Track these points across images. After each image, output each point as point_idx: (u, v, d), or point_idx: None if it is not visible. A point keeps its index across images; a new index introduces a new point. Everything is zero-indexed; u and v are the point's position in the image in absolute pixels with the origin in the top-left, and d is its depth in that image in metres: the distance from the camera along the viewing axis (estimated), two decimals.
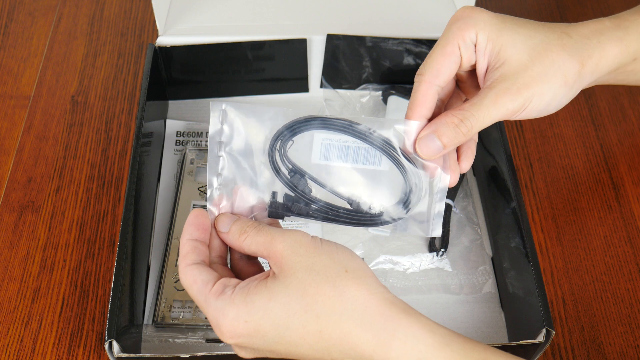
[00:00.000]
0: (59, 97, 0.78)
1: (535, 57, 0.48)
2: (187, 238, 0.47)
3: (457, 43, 0.49)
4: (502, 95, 0.47)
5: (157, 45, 0.72)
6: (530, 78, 0.48)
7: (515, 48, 0.48)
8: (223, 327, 0.45)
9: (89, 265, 0.65)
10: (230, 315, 0.44)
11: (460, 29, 0.49)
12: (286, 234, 0.46)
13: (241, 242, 0.47)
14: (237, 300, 0.44)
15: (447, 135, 0.47)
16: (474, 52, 0.49)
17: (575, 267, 0.65)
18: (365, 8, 0.77)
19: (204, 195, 0.67)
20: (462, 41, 0.49)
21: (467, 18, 0.49)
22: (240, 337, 0.45)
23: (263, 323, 0.44)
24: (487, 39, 0.49)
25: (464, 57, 0.49)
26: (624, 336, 0.61)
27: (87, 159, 0.73)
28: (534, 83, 0.48)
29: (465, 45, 0.49)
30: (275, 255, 0.45)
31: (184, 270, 0.46)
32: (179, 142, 0.72)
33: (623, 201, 0.69)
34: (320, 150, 0.49)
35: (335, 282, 0.44)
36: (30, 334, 0.61)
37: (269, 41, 0.73)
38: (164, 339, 0.59)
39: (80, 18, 0.86)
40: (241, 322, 0.44)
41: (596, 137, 0.74)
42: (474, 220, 0.67)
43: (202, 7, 0.76)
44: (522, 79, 0.48)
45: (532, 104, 0.48)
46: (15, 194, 0.70)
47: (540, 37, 0.49)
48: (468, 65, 0.50)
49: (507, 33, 0.49)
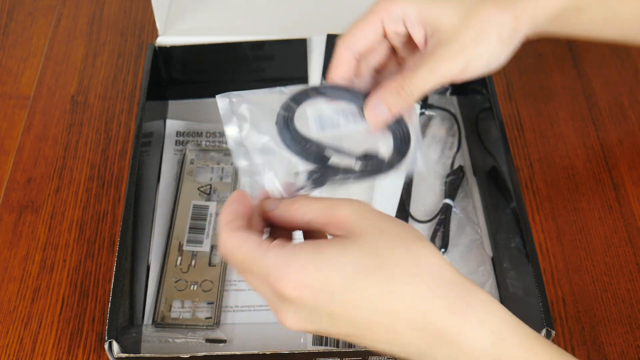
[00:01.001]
0: (58, 97, 0.78)
1: (467, 20, 0.49)
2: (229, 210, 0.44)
3: (379, 17, 0.51)
4: (438, 61, 0.49)
5: (157, 45, 0.72)
6: (465, 42, 0.49)
7: (447, 14, 0.50)
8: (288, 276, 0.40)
9: (88, 265, 0.65)
10: (300, 262, 0.40)
11: (386, 5, 0.51)
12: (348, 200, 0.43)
13: (293, 212, 0.43)
14: (305, 250, 0.40)
15: (390, 101, 0.49)
16: (404, 25, 0.51)
17: (575, 267, 0.65)
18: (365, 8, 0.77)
19: (204, 195, 0.67)
20: (387, 16, 0.51)
21: None
22: (306, 289, 0.40)
23: (334, 274, 0.40)
24: (416, 12, 0.50)
25: (389, 30, 0.51)
26: (624, 336, 0.61)
27: (87, 159, 0.73)
28: (469, 46, 0.49)
29: (391, 20, 0.51)
30: (339, 220, 0.42)
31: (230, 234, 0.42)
32: (179, 142, 0.72)
33: (623, 201, 0.69)
34: (317, 121, 0.50)
35: (410, 246, 0.41)
36: (30, 334, 0.61)
37: (269, 41, 0.73)
38: (164, 339, 0.59)
39: (80, 18, 0.86)
40: (311, 270, 0.40)
41: (596, 137, 0.74)
42: (474, 220, 0.67)
43: (202, 7, 0.76)
44: (456, 44, 0.49)
45: (471, 67, 0.50)
46: (15, 194, 0.70)
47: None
48: (397, 37, 0.52)
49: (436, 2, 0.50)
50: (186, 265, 0.63)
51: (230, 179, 0.69)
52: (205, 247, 0.64)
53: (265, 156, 0.48)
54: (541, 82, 0.79)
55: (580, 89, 0.78)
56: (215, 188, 0.68)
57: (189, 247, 0.64)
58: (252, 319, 0.61)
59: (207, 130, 0.73)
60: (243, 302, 0.62)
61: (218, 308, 0.61)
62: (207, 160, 0.70)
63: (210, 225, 0.65)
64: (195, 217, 0.66)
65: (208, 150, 0.71)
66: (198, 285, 0.62)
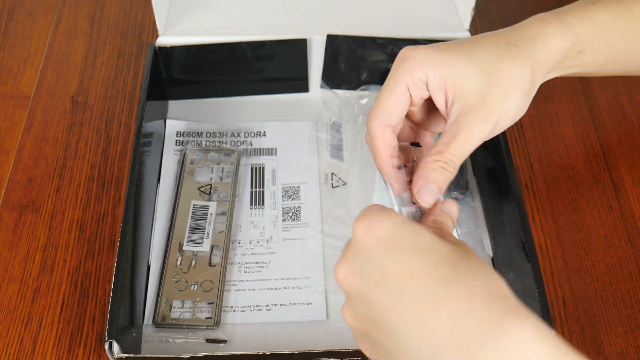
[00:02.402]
0: (59, 97, 0.78)
1: (490, 80, 0.50)
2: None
3: (405, 84, 0.50)
4: (472, 128, 0.49)
5: (157, 45, 0.72)
6: (492, 102, 0.49)
7: (469, 77, 0.50)
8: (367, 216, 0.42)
9: (89, 265, 0.65)
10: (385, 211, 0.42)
11: (409, 70, 0.50)
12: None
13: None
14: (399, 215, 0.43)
15: (439, 180, 0.49)
16: (426, 90, 0.51)
17: (575, 267, 0.65)
18: (366, 8, 0.77)
19: (204, 195, 0.67)
20: (411, 82, 0.50)
21: (413, 58, 0.50)
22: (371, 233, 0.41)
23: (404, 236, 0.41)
24: (438, 76, 0.50)
25: (414, 96, 0.51)
26: (624, 336, 0.61)
27: (87, 159, 0.73)
28: (497, 106, 0.50)
29: (415, 85, 0.50)
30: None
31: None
32: (179, 142, 0.72)
33: (623, 201, 0.69)
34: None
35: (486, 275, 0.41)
36: (30, 334, 0.61)
37: (269, 41, 0.73)
38: (164, 339, 0.59)
39: (80, 18, 0.86)
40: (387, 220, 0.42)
41: (596, 137, 0.74)
42: (474, 220, 0.67)
43: (202, 7, 0.76)
44: (485, 107, 0.49)
45: (500, 124, 0.50)
46: (15, 194, 0.70)
47: (489, 56, 0.50)
48: (420, 101, 0.52)
49: (458, 66, 0.50)
50: (186, 265, 0.63)
51: (230, 179, 0.69)
52: (205, 247, 0.64)
53: None
54: None
55: (580, 89, 0.78)
56: (215, 188, 0.68)
57: (189, 247, 0.64)
58: (252, 319, 0.61)
59: (207, 130, 0.73)
60: (243, 302, 0.62)
61: (218, 308, 0.61)
62: (207, 160, 0.70)
63: (211, 225, 0.65)
64: (195, 217, 0.66)
65: (208, 150, 0.71)
66: (198, 285, 0.62)
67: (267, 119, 0.75)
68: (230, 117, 0.76)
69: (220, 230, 0.65)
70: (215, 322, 0.60)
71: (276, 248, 0.65)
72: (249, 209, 0.68)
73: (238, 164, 0.70)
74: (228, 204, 0.67)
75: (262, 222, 0.67)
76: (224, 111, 0.76)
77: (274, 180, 0.70)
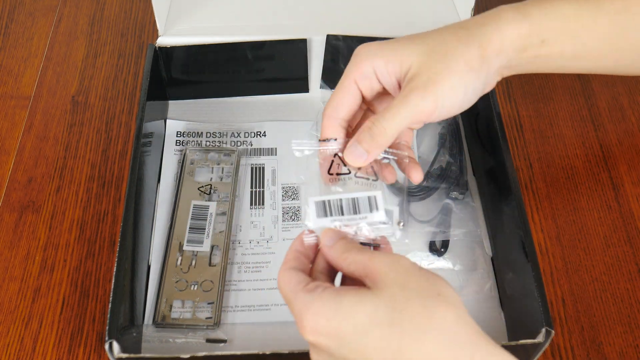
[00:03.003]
0: (59, 97, 0.78)
1: (434, 55, 0.50)
2: (292, 249, 0.48)
3: (353, 78, 0.52)
4: (409, 94, 0.49)
5: (157, 45, 0.72)
6: (434, 74, 0.49)
7: (414, 55, 0.51)
8: (305, 321, 0.43)
9: (89, 265, 0.65)
10: (314, 309, 0.43)
11: (356, 64, 0.52)
12: (387, 254, 0.45)
13: (342, 260, 0.46)
14: (325, 297, 0.43)
15: (365, 141, 0.49)
16: (377, 80, 0.52)
17: (575, 267, 0.65)
18: (365, 8, 0.77)
19: (204, 195, 0.67)
20: (359, 75, 0.52)
21: (361, 53, 0.52)
22: (320, 336, 0.43)
23: (345, 325, 0.42)
24: (384, 63, 0.51)
25: (364, 88, 0.52)
26: (624, 336, 0.61)
27: (87, 159, 0.73)
28: (439, 78, 0.49)
29: (363, 77, 0.52)
30: (372, 272, 0.44)
31: (282, 273, 0.46)
32: (179, 142, 0.73)
33: (622, 201, 0.69)
34: None
35: (427, 302, 0.42)
36: (30, 334, 0.61)
37: (269, 41, 0.73)
38: (164, 339, 0.59)
39: (81, 18, 0.86)
40: (323, 319, 0.43)
41: (596, 137, 0.74)
42: (474, 220, 0.67)
43: (202, 7, 0.76)
44: (426, 77, 0.49)
45: (445, 99, 0.50)
46: (15, 194, 0.70)
47: (435, 37, 0.52)
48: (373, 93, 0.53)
49: (401, 48, 0.51)
50: (186, 265, 0.63)
51: (230, 179, 0.69)
52: (205, 247, 0.64)
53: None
54: (540, 82, 0.79)
55: (579, 89, 0.78)
56: (215, 188, 0.68)
57: (190, 247, 0.64)
58: (252, 319, 0.61)
59: (207, 130, 0.73)
60: (243, 302, 0.62)
61: (218, 308, 0.61)
62: (207, 160, 0.70)
63: (211, 225, 0.65)
64: (195, 217, 0.66)
65: (208, 150, 0.71)
66: (198, 285, 0.62)
67: (267, 119, 0.75)
68: (230, 117, 0.76)
69: (220, 230, 0.65)
70: (215, 322, 0.60)
71: (276, 248, 0.65)
72: (249, 209, 0.68)
73: (238, 164, 0.70)
74: (228, 204, 0.67)
75: (262, 222, 0.67)
76: (224, 111, 0.77)
77: (274, 180, 0.70)
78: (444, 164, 0.70)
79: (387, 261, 0.44)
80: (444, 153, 0.71)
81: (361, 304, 0.42)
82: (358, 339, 0.42)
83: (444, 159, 0.70)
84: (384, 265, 0.44)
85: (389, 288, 0.43)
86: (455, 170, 0.69)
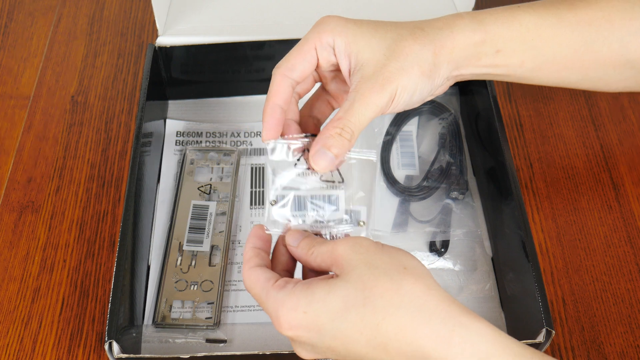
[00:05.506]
0: (58, 97, 0.78)
1: (390, 54, 0.51)
2: (250, 247, 0.49)
3: (313, 44, 0.53)
4: (369, 95, 0.50)
5: (157, 45, 0.72)
6: (390, 73, 0.50)
7: (371, 50, 0.51)
8: (282, 318, 0.44)
9: (89, 265, 0.65)
10: (289, 305, 0.44)
11: (318, 32, 0.53)
12: (348, 239, 0.47)
13: (309, 255, 0.48)
14: (297, 292, 0.44)
15: (335, 146, 0.49)
16: (333, 54, 0.53)
17: (575, 267, 0.65)
18: (365, 8, 0.77)
19: (204, 195, 0.67)
20: (319, 43, 0.52)
21: (326, 24, 0.53)
22: (299, 329, 0.44)
23: (321, 314, 0.44)
24: (344, 43, 0.52)
25: (321, 57, 0.53)
26: (624, 336, 0.61)
27: (87, 159, 0.73)
28: (394, 77, 0.50)
29: (322, 47, 0.53)
30: (337, 259, 0.46)
31: (248, 272, 0.47)
32: (179, 142, 0.72)
33: (623, 201, 0.69)
34: None
35: (394, 276, 0.44)
36: (30, 334, 0.61)
37: (269, 41, 0.73)
38: (164, 340, 0.59)
39: (80, 18, 0.86)
40: (300, 313, 0.44)
41: (596, 137, 0.74)
42: (474, 220, 0.67)
43: (202, 7, 0.76)
44: (382, 76, 0.50)
45: (397, 97, 0.51)
46: (15, 194, 0.70)
47: (394, 35, 0.52)
48: (328, 65, 0.53)
49: (363, 37, 0.52)
50: (186, 265, 0.63)
51: (230, 179, 0.69)
52: (205, 247, 0.64)
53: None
54: None
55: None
56: (215, 188, 0.68)
57: (189, 247, 0.64)
58: (252, 319, 0.61)
59: (207, 130, 0.73)
60: (243, 302, 0.62)
61: (218, 308, 0.61)
62: (207, 160, 0.70)
63: (210, 225, 0.65)
64: (195, 217, 0.66)
65: (208, 150, 0.71)
66: (198, 285, 0.62)
67: None
68: (230, 117, 0.76)
69: (220, 230, 0.65)
70: (215, 322, 0.60)
71: None
72: (249, 209, 0.68)
73: (238, 164, 0.70)
74: (228, 204, 0.67)
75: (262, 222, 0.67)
76: (224, 111, 0.77)
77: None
78: (444, 164, 0.70)
79: (349, 244, 0.46)
80: (444, 153, 0.71)
81: (332, 291, 0.44)
82: (337, 325, 0.44)
83: (444, 159, 0.70)
84: (347, 249, 0.46)
85: (356, 270, 0.44)
86: (455, 170, 0.69)
